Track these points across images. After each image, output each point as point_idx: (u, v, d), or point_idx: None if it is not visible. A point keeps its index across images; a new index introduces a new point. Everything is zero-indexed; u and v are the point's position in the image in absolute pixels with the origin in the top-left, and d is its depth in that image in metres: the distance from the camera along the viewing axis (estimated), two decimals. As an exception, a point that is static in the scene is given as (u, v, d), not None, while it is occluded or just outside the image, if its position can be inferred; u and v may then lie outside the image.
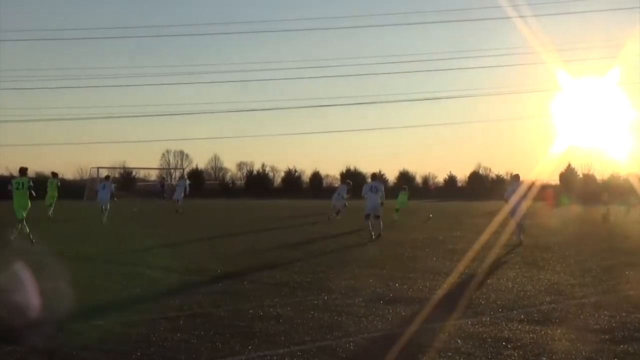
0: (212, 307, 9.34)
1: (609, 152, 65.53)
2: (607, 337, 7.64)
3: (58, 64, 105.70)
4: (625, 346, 7.20)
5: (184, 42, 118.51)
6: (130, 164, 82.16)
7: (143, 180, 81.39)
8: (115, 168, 74.55)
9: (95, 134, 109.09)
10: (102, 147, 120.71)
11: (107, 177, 35.92)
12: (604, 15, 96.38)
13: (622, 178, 49.73)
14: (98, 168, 64.06)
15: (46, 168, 77.70)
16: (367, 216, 20.89)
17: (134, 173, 77.93)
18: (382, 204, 21.08)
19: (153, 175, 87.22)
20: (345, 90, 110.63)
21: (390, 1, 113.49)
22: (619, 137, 77.54)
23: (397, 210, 31.76)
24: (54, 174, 33.60)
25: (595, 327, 8.22)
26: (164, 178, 54.05)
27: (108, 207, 28.35)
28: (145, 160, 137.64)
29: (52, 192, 31.02)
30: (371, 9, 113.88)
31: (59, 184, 31.79)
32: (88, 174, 67.42)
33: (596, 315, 8.94)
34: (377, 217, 20.81)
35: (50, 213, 30.04)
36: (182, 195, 37.95)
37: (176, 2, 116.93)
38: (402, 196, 33.30)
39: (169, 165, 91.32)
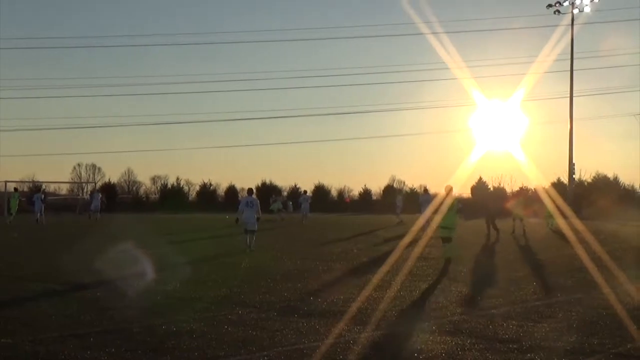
0: (124, 322, 9.15)
1: (518, 165, 67.54)
2: (515, 346, 7.85)
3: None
4: (532, 355, 7.42)
5: (95, 53, 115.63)
6: (40, 177, 79.75)
7: (53, 194, 79.11)
8: (25, 182, 72.23)
9: (2, 147, 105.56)
10: (10, 160, 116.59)
11: (41, 189, 47.46)
12: (512, 33, 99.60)
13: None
14: (6, 182, 61.82)
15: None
16: (246, 231, 20.98)
17: (43, 187, 75.70)
18: (258, 218, 21.26)
19: (64, 189, 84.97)
20: (261, 104, 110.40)
21: (309, 15, 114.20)
22: (528, 151, 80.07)
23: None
24: (16, 189, 44.09)
25: (504, 336, 8.44)
26: (97, 191, 53.15)
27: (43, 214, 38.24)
28: (55, 174, 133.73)
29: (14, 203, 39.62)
30: (290, 23, 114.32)
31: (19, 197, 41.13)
32: (-5, 187, 65.02)
33: (505, 325, 9.18)
34: (253, 231, 20.95)
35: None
36: (99, 205, 44.10)
37: (89, 12, 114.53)
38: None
39: (80, 179, 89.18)
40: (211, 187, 77.37)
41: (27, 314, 9.89)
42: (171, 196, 71.83)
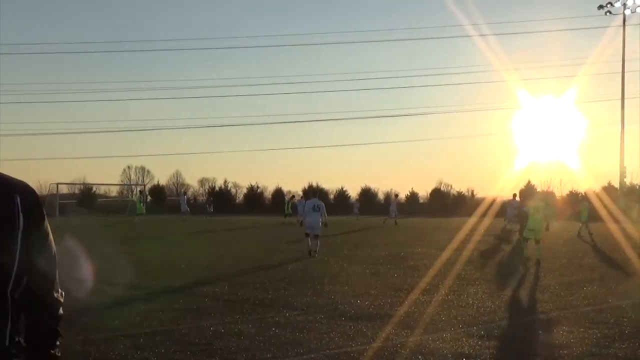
0: (173, 324, 9.26)
1: (567, 169, 66.65)
2: (565, 352, 7.74)
3: (15, 79, 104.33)
4: (583, 361, 7.30)
5: (144, 57, 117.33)
6: (91, 179, 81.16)
7: (104, 196, 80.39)
8: (76, 184, 73.62)
9: (54, 149, 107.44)
10: (62, 162, 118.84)
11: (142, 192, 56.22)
12: (562, 35, 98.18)
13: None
14: (57, 184, 63.05)
15: (4, 183, 76.36)
16: (307, 235, 20.57)
17: (94, 189, 76.91)
18: (325, 224, 20.72)
19: (114, 191, 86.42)
20: (307, 107, 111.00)
21: (352, 19, 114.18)
22: (577, 154, 79.01)
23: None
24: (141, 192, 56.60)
25: (553, 342, 8.33)
26: (184, 193, 58.75)
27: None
28: (106, 177, 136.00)
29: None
30: (332, 26, 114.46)
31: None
32: (47, 190, 66.22)
33: (555, 330, 9.05)
34: (317, 236, 20.43)
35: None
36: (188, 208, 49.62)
37: (136, 17, 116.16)
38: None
39: (130, 181, 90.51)
40: (258, 190, 77.81)
41: (77, 314, 10.05)
42: (219, 198, 72.42)
